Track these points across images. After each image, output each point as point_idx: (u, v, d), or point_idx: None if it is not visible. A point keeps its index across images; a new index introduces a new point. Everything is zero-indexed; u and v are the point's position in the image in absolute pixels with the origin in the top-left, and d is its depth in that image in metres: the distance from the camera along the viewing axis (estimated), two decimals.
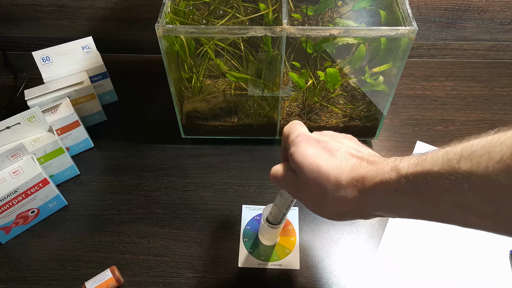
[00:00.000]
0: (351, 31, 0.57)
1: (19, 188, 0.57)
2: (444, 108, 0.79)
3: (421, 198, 0.31)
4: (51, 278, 0.57)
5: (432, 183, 0.30)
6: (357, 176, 0.35)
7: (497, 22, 0.83)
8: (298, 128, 0.42)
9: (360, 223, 0.62)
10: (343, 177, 0.36)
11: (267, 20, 0.65)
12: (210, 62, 0.69)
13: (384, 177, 0.33)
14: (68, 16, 0.86)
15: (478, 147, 0.27)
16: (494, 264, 0.57)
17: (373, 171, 0.34)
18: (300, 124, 0.43)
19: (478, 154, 0.27)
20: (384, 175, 0.33)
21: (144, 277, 0.57)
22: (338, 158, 0.37)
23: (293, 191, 0.41)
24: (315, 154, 0.38)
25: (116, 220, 0.63)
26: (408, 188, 0.32)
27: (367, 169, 0.35)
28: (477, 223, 0.29)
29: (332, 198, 0.36)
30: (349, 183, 0.35)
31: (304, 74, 0.65)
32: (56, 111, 0.67)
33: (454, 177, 0.28)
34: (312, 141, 0.39)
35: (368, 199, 0.35)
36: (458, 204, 0.29)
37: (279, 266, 0.58)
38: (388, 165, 0.34)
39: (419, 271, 0.57)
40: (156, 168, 0.70)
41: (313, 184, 0.37)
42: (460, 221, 0.30)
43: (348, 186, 0.35)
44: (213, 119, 0.71)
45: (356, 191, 0.35)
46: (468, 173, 0.27)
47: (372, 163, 0.35)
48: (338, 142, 0.39)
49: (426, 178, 0.30)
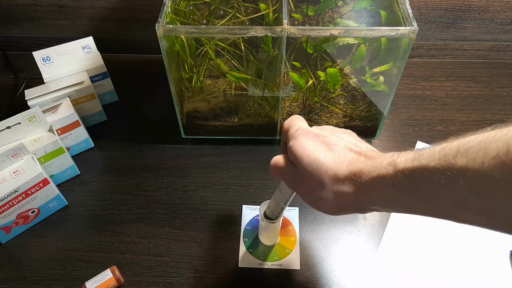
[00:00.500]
0: (351, 31, 0.57)
1: (20, 188, 0.57)
2: (445, 108, 0.79)
3: (417, 193, 0.31)
4: (51, 278, 0.57)
5: (428, 178, 0.30)
6: (354, 170, 0.35)
7: (497, 22, 0.83)
8: (298, 122, 0.42)
9: (360, 223, 0.62)
10: (341, 171, 0.36)
11: (267, 20, 0.65)
12: (211, 62, 0.69)
13: (381, 172, 0.33)
14: (69, 16, 0.86)
15: (475, 143, 0.27)
16: (494, 264, 0.57)
17: (370, 166, 0.35)
18: (300, 118, 0.43)
19: (474, 150, 0.27)
20: (381, 170, 0.33)
21: (144, 277, 0.57)
22: (336, 152, 0.37)
23: (292, 183, 0.42)
24: (314, 148, 0.38)
25: (116, 220, 0.63)
26: (405, 183, 0.32)
27: (364, 163, 0.35)
28: (472, 219, 0.29)
29: (330, 191, 0.37)
30: (347, 177, 0.36)
31: (305, 74, 0.65)
32: (56, 111, 0.67)
33: (450, 172, 0.28)
34: (312, 135, 0.39)
35: (365, 193, 0.35)
36: (454, 199, 0.29)
37: (279, 266, 0.58)
38: (385, 160, 0.34)
39: (419, 271, 0.57)
40: (156, 168, 0.70)
41: (311, 177, 0.37)
42: (456, 217, 0.30)
43: (346, 180, 0.36)
44: (214, 119, 0.71)
45: (353, 185, 0.35)
46: (464, 168, 0.27)
47: (370, 158, 0.36)
48: (337, 137, 0.39)
49: (423, 173, 0.30)
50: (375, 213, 0.63)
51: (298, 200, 0.65)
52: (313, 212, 0.63)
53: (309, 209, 0.64)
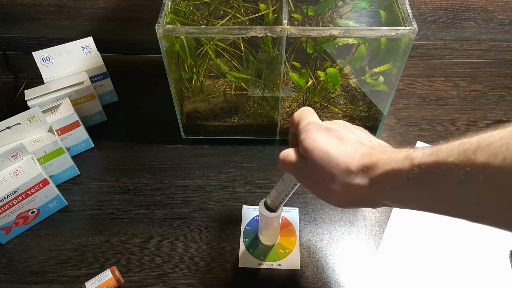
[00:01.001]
0: (351, 31, 0.57)
1: (19, 188, 0.57)
2: (444, 108, 0.79)
3: (433, 188, 0.30)
4: (51, 278, 0.57)
5: (446, 173, 0.29)
6: (367, 163, 0.35)
7: (497, 22, 0.83)
8: (309, 115, 0.42)
9: (360, 223, 0.62)
10: (353, 164, 0.36)
11: (267, 20, 0.65)
12: (211, 62, 0.69)
13: (396, 165, 0.33)
14: (69, 16, 0.86)
15: (497, 138, 0.27)
16: (494, 264, 0.57)
17: (385, 159, 0.34)
18: (311, 111, 0.43)
19: (496, 146, 0.26)
20: (397, 163, 0.33)
21: (144, 277, 0.57)
22: (348, 146, 0.37)
23: (300, 176, 0.41)
24: (325, 141, 0.38)
25: (116, 220, 0.63)
26: (421, 178, 0.31)
27: (378, 156, 0.35)
28: (488, 216, 0.28)
29: (340, 184, 0.36)
30: (359, 170, 0.35)
31: (304, 74, 0.65)
32: (56, 111, 0.67)
33: (469, 168, 0.27)
34: (323, 129, 0.39)
35: (377, 186, 0.35)
36: (472, 196, 0.28)
37: (279, 266, 0.58)
38: (401, 154, 0.33)
39: (419, 271, 0.57)
40: (156, 168, 0.70)
41: (322, 170, 0.37)
42: (471, 214, 0.30)
43: (358, 172, 0.35)
44: (214, 119, 0.71)
45: (365, 178, 0.35)
46: (485, 164, 0.26)
47: (384, 152, 0.35)
48: (350, 131, 0.39)
49: (440, 167, 0.29)
50: (375, 213, 0.63)
51: (298, 200, 0.65)
52: (313, 212, 0.63)
53: (309, 209, 0.64)
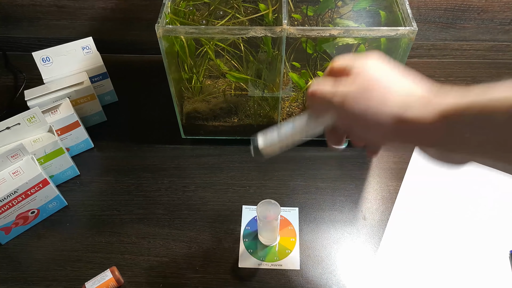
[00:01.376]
0: (351, 31, 0.57)
1: (19, 189, 0.57)
2: None
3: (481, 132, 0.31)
4: (51, 278, 0.57)
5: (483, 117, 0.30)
6: (441, 95, 0.34)
7: (497, 22, 0.83)
8: None
9: (360, 223, 0.62)
10: (419, 91, 0.34)
11: (267, 21, 0.65)
12: (210, 62, 0.69)
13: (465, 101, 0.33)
14: (68, 16, 0.86)
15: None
16: (494, 264, 0.57)
17: (455, 96, 0.33)
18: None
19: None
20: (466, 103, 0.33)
21: (144, 277, 0.57)
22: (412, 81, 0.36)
23: (339, 101, 0.36)
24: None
25: (116, 220, 0.63)
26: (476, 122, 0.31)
27: (456, 93, 0.34)
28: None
29: (395, 93, 0.34)
30: (425, 97, 0.34)
31: (304, 74, 0.65)
32: (56, 112, 0.67)
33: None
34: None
35: (439, 102, 0.33)
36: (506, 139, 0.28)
37: (279, 266, 0.58)
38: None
39: (419, 271, 0.57)
40: (156, 168, 0.70)
41: (377, 85, 0.35)
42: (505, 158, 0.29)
43: (423, 98, 0.34)
44: (213, 119, 0.71)
45: (432, 110, 0.32)
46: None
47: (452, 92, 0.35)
48: None
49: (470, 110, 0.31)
50: (375, 213, 0.63)
51: (298, 200, 0.65)
52: (313, 212, 0.63)
53: (309, 209, 0.64)
